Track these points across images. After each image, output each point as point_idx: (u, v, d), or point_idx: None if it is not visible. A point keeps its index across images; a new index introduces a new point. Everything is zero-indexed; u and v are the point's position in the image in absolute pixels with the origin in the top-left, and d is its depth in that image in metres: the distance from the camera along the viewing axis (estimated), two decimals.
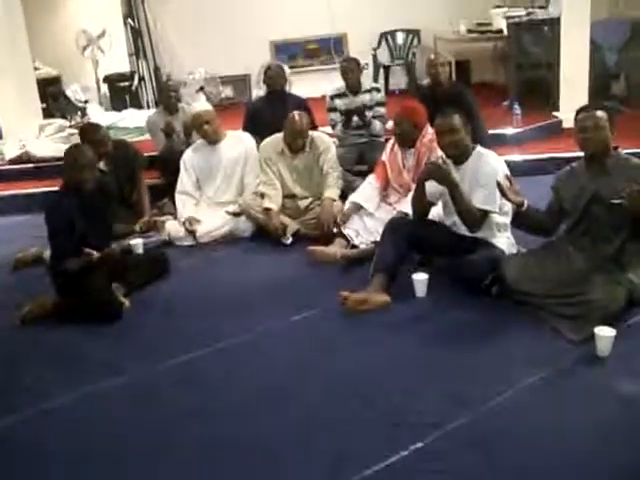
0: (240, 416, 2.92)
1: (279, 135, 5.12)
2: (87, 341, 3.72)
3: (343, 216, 4.64)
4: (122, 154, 5.36)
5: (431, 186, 3.90)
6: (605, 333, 3.09)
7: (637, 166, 3.49)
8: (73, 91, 8.87)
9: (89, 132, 5.17)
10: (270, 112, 5.64)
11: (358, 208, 4.67)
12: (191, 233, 5.08)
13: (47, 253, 4.51)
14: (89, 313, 3.91)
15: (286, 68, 8.28)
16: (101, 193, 4.25)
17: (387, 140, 5.25)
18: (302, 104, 5.84)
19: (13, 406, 3.14)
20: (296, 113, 5.03)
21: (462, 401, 2.86)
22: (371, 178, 4.80)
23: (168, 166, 5.61)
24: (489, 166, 3.84)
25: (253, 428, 2.83)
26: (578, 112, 3.65)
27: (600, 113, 3.54)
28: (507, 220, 3.91)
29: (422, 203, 3.99)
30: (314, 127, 5.63)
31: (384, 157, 4.77)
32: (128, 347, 3.63)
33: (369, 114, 5.79)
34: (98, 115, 8.47)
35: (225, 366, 3.34)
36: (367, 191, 4.73)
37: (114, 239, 4.58)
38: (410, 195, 4.29)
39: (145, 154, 5.88)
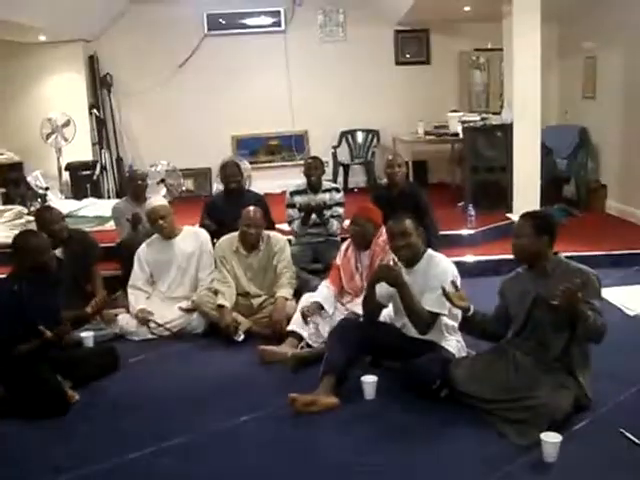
0: None
1: (235, 234, 5.16)
2: (30, 437, 3.62)
3: (308, 312, 4.58)
4: (79, 243, 5.32)
5: (382, 288, 3.96)
6: (551, 439, 3.10)
7: (575, 269, 3.58)
8: (34, 177, 8.85)
9: (44, 212, 5.22)
10: (227, 209, 5.67)
11: (320, 308, 4.64)
12: (143, 324, 5.04)
13: None
14: (34, 406, 3.82)
15: (246, 163, 8.46)
16: (52, 279, 4.22)
17: (343, 240, 5.33)
18: (260, 201, 5.89)
19: None
20: (252, 207, 5.13)
21: None
22: (326, 282, 4.83)
23: (128, 256, 5.56)
24: (439, 269, 3.92)
25: None
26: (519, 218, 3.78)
27: (527, 222, 3.65)
28: (457, 323, 3.95)
29: (373, 304, 4.04)
30: (271, 226, 5.69)
31: (338, 261, 4.84)
32: (73, 444, 3.54)
33: (327, 213, 5.88)
34: (58, 203, 8.46)
35: (170, 468, 3.27)
36: (324, 293, 4.74)
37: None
38: (362, 296, 4.35)
39: (103, 244, 5.86)
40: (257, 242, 5.14)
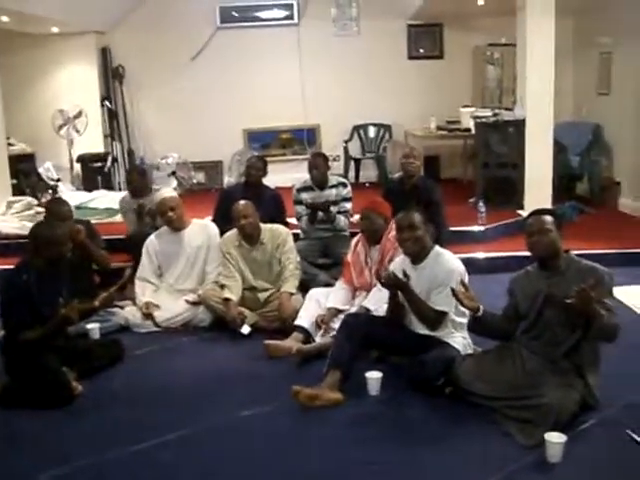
0: None
1: (236, 230, 5.12)
2: (34, 427, 3.63)
3: (324, 324, 4.53)
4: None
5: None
6: (555, 439, 3.08)
7: (588, 268, 3.53)
8: (45, 169, 8.88)
9: (56, 205, 5.18)
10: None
11: (337, 313, 4.58)
12: (148, 318, 5.04)
13: (1, 332, 4.43)
14: (39, 396, 3.84)
15: None
16: (61, 270, 4.22)
17: (352, 235, 5.30)
18: (276, 198, 5.92)
19: None
20: (241, 201, 5.10)
21: None
22: (341, 282, 4.79)
23: (135, 248, 5.56)
24: (446, 267, 3.89)
25: None
26: (528, 216, 3.73)
27: (547, 218, 3.59)
28: (464, 320, 3.91)
29: (399, 313, 4.02)
30: (283, 223, 5.65)
31: (349, 257, 4.80)
32: (75, 434, 3.55)
33: (334, 209, 5.79)
34: (69, 194, 8.47)
35: (172, 461, 3.26)
36: (341, 295, 4.70)
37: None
38: (373, 290, 4.43)
39: (113, 237, 5.91)
40: (255, 233, 5.08)
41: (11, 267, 4.32)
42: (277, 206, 5.90)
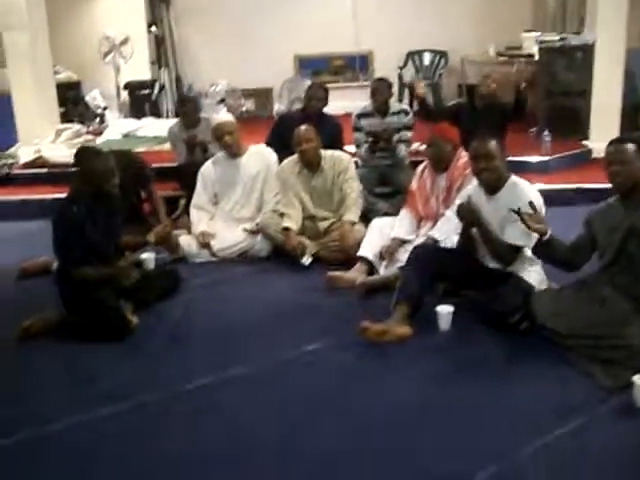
0: (250, 454, 2.72)
1: (296, 156, 4.94)
2: (91, 361, 3.55)
3: (388, 255, 4.33)
4: (127, 166, 4.98)
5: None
6: None
7: None
8: (92, 97, 8.82)
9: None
10: None
11: (402, 243, 4.40)
12: (205, 247, 4.92)
13: (56, 264, 4.32)
14: (96, 330, 3.75)
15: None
16: (110, 203, 4.07)
17: (414, 163, 5.11)
18: (336, 128, 5.68)
19: (9, 428, 2.94)
20: (302, 126, 4.90)
21: (484, 451, 2.65)
22: (405, 211, 4.58)
23: (188, 179, 5.43)
24: (524, 198, 3.60)
25: (263, 469, 2.63)
26: (609, 144, 3.45)
27: (628, 146, 3.32)
28: None
29: (472, 248, 3.85)
30: (340, 147, 5.46)
31: (414, 185, 4.59)
32: (134, 370, 3.45)
33: (395, 137, 5.58)
34: (117, 122, 8.39)
35: (234, 397, 3.15)
36: (406, 224, 4.50)
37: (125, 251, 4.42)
38: (441, 220, 4.25)
39: (161, 165, 5.76)
40: (316, 160, 4.88)
41: (62, 196, 4.20)
42: (337, 136, 5.65)
